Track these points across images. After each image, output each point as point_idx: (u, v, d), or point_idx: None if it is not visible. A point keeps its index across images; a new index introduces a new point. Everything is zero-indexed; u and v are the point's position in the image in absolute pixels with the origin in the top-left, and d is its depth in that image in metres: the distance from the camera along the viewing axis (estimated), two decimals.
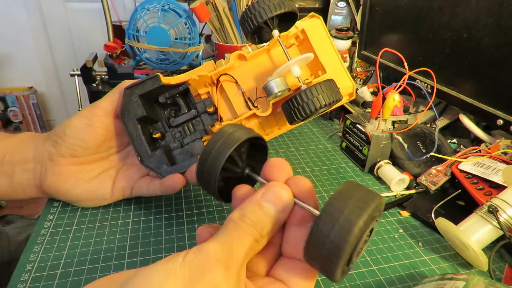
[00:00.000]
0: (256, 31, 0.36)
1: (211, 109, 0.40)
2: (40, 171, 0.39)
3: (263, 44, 0.39)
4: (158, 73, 0.38)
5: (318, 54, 0.39)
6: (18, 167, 0.39)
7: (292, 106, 0.33)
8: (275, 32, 0.35)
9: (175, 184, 0.37)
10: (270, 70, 0.39)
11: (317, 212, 0.23)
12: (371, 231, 0.22)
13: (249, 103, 0.39)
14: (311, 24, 0.39)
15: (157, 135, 0.40)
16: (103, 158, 0.40)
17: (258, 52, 0.39)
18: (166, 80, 0.38)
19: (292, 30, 0.38)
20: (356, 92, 0.66)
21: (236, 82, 0.39)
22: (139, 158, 0.39)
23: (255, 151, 0.28)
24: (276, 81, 0.35)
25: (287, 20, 0.36)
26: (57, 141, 0.38)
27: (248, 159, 0.27)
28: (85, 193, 0.39)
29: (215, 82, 0.40)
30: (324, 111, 0.36)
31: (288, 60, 0.36)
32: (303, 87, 0.35)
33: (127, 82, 0.38)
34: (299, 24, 0.39)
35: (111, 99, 0.38)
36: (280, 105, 0.37)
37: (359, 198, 0.21)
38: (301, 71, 0.36)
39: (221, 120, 0.40)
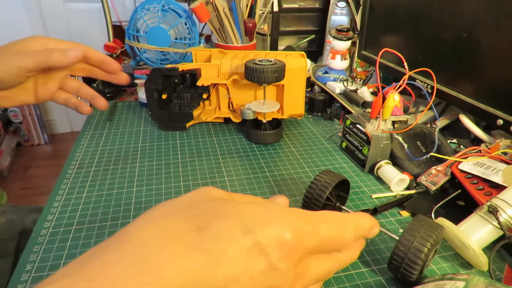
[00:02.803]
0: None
1: (205, 96, 0.62)
2: None
3: None
4: (178, 66, 0.58)
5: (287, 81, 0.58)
6: None
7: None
8: (264, 84, 0.56)
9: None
10: (252, 96, 0.62)
11: (396, 237, 0.31)
12: (435, 251, 0.32)
13: (231, 106, 0.63)
14: (300, 63, 0.58)
15: (165, 96, 0.59)
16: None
17: (247, 84, 0.60)
18: (183, 67, 0.58)
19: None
20: (356, 92, 0.67)
21: (228, 92, 0.62)
22: (150, 112, 0.60)
23: (341, 185, 0.40)
24: (249, 113, 0.58)
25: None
26: None
27: (336, 192, 0.40)
28: (18, 102, 0.45)
29: (215, 83, 0.61)
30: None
31: (264, 104, 0.58)
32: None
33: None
34: (290, 60, 0.58)
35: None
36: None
37: (426, 228, 0.30)
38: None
39: (208, 98, 0.63)
